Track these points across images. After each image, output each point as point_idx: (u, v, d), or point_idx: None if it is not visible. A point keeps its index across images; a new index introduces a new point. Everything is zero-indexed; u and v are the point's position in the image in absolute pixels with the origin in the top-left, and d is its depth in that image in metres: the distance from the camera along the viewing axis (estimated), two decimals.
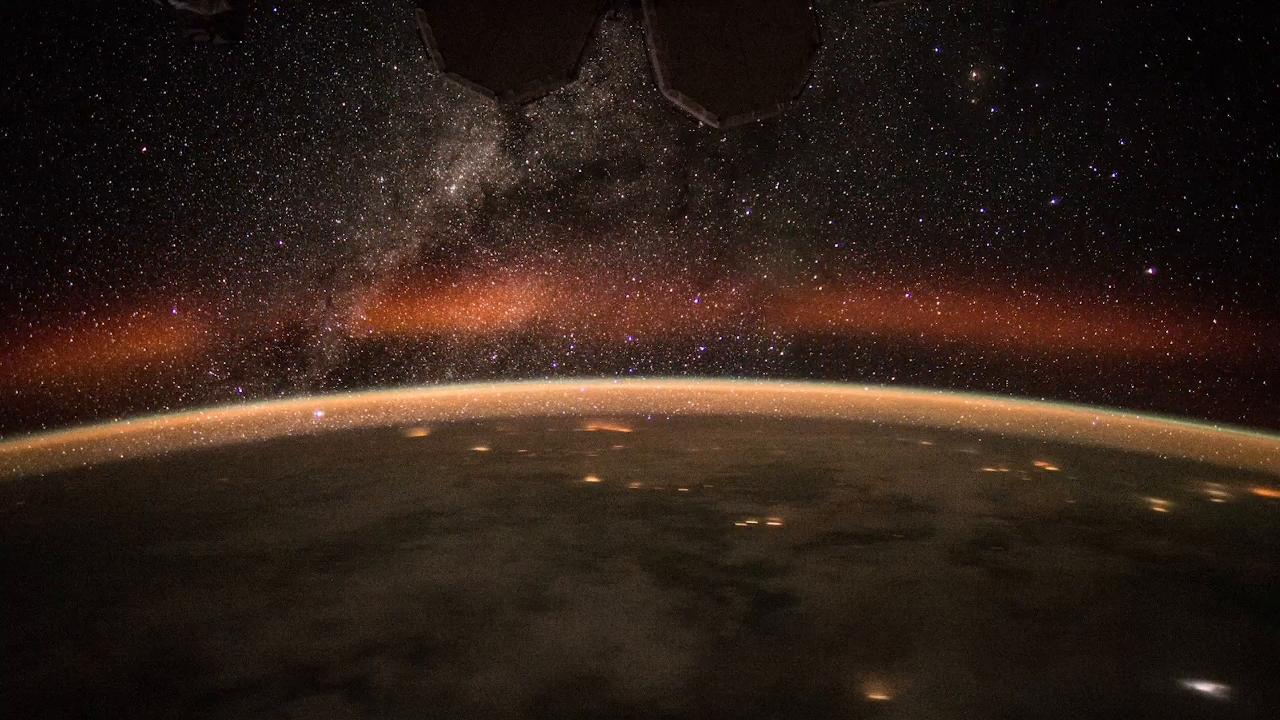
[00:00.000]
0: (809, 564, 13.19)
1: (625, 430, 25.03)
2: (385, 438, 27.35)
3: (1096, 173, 24.07)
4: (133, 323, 22.86)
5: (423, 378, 28.43)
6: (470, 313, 27.94)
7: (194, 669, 10.42)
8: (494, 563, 13.34)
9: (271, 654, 10.69)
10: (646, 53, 2.68)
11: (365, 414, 29.03)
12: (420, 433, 28.07)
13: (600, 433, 25.07)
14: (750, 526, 15.07)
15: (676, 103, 2.72)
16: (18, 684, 10.42)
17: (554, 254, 27.48)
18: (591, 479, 18.28)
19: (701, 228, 27.52)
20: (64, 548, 15.63)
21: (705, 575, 12.84)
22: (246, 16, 3.10)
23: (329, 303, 25.70)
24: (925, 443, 23.97)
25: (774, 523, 15.24)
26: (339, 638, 11.05)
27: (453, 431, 27.13)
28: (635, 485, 17.57)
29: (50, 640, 11.54)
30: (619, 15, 2.66)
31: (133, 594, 12.81)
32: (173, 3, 2.81)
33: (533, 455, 21.07)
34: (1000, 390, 28.22)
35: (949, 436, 25.11)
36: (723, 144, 25.79)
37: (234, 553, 14.34)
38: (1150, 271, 24.80)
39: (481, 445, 22.87)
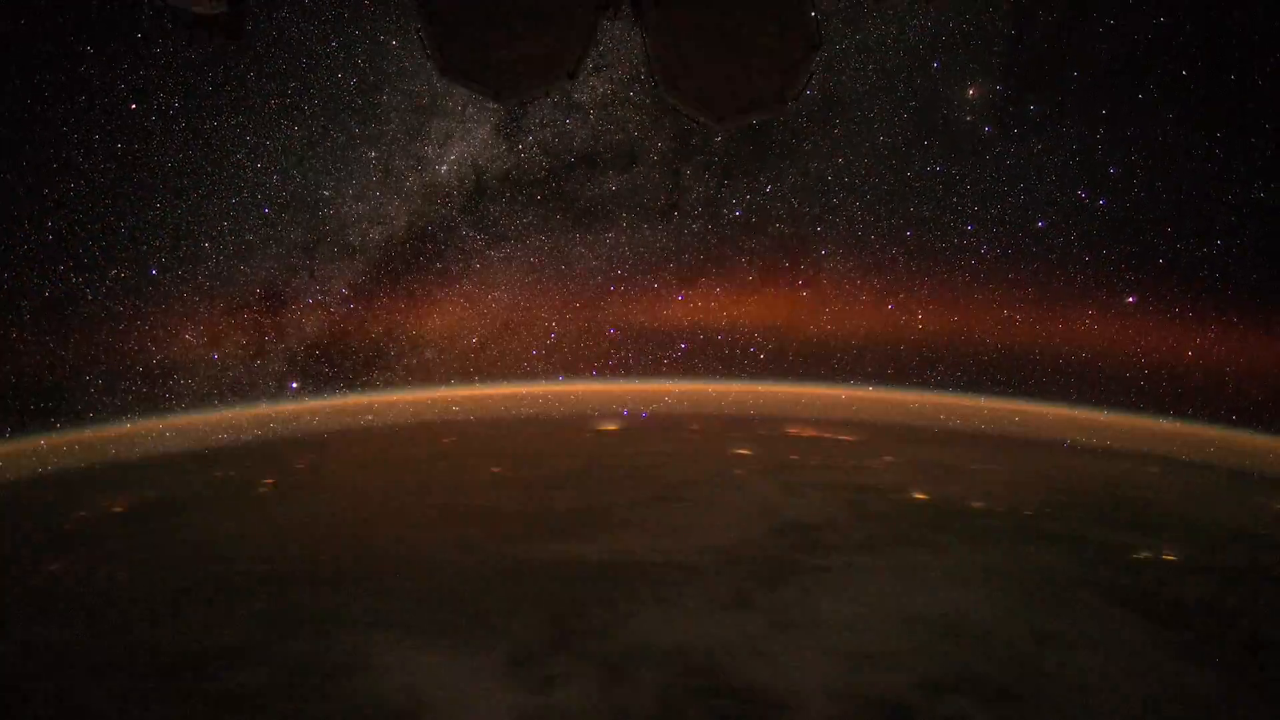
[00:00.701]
0: (1270, 602, 12.81)
1: (850, 438, 24.39)
2: (573, 430, 26.48)
3: (1085, 198, 24.29)
4: (111, 280, 22.01)
5: (401, 356, 27.96)
6: (454, 293, 27.54)
7: (767, 703, 9.62)
8: (945, 588, 12.68)
9: (827, 686, 9.94)
10: (646, 51, 2.59)
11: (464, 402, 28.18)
12: (608, 426, 27.17)
13: (825, 439, 24.41)
14: (1149, 560, 14.62)
15: (675, 102, 2.66)
16: (558, 706, 9.53)
17: (541, 240, 27.09)
18: (920, 495, 17.66)
19: (690, 225, 27.33)
20: (411, 545, 14.61)
21: (1180, 614, 12.34)
22: (247, 16, 3.01)
23: (312, 274, 24.99)
24: (1153, 469, 23.75)
25: (1168, 557, 14.82)
26: (882, 671, 10.32)
27: (644, 431, 26.33)
28: (977, 505, 17.01)
29: (541, 656, 10.63)
30: (620, 15, 2.59)
31: (588, 606, 11.89)
32: (172, 1, 2.74)
33: (816, 464, 20.35)
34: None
35: (1137, 457, 24.82)
36: (716, 143, 25.63)
37: (634, 559, 13.51)
38: (1131, 300, 25.02)
39: (741, 448, 22.07)
